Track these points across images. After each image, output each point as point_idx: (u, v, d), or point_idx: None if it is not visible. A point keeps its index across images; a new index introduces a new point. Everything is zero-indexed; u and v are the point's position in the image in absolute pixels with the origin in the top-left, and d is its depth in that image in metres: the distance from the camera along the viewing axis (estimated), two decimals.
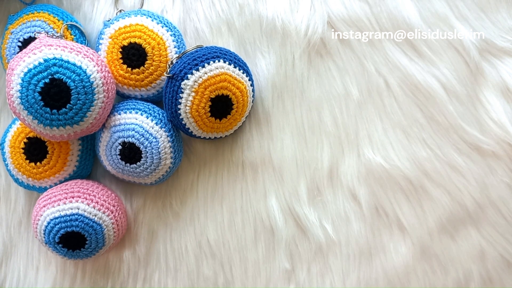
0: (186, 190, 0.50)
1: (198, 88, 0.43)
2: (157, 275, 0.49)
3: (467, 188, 0.47)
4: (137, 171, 0.45)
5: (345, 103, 0.48)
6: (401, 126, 0.47)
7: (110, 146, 0.45)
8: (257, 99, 0.49)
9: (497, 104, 0.47)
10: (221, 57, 0.44)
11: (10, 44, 0.48)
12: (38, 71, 0.41)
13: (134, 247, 0.50)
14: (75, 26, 0.48)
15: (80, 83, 0.41)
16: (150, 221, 0.50)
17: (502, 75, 0.47)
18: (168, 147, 0.45)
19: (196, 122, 0.45)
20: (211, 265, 0.49)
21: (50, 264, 0.51)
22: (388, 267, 0.47)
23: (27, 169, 0.47)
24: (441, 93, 0.47)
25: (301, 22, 0.48)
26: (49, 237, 0.44)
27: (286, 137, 0.48)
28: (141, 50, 0.45)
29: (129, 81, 0.46)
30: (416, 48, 0.47)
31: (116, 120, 0.45)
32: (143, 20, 0.46)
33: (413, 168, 0.47)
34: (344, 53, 0.48)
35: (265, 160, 0.49)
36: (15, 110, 0.42)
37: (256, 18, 0.49)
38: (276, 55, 0.49)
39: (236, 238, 0.49)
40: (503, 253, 0.47)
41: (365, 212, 0.47)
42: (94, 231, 0.45)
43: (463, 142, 0.47)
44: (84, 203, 0.45)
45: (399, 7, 0.47)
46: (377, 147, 0.48)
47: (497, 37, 0.47)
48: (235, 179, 0.49)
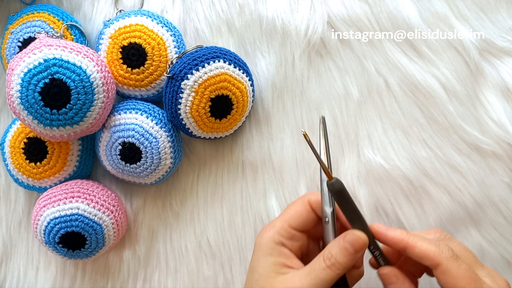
0: (186, 190, 0.50)
1: (198, 88, 0.43)
2: (157, 275, 0.49)
3: (467, 188, 0.47)
4: (137, 171, 0.45)
5: (345, 103, 0.48)
6: (401, 126, 0.47)
7: (110, 146, 0.45)
8: (257, 99, 0.49)
9: (497, 104, 0.47)
10: (221, 57, 0.44)
11: (10, 44, 0.48)
12: (38, 71, 0.41)
13: (134, 247, 0.50)
14: (75, 26, 0.48)
15: (80, 83, 0.41)
16: (150, 221, 0.50)
17: (502, 75, 0.47)
18: (168, 147, 0.45)
19: (196, 122, 0.45)
20: (211, 265, 0.49)
21: (50, 264, 0.51)
22: None
23: (27, 169, 0.47)
24: (441, 93, 0.47)
25: (301, 22, 0.48)
26: (49, 237, 0.44)
27: (286, 137, 0.48)
28: (141, 50, 0.45)
29: (129, 81, 0.46)
30: (416, 48, 0.47)
31: (116, 120, 0.45)
32: (143, 20, 0.46)
33: (413, 168, 0.47)
34: (344, 53, 0.48)
35: (265, 160, 0.49)
36: (15, 110, 0.42)
37: (256, 18, 0.49)
38: (276, 55, 0.49)
39: (236, 238, 0.49)
40: (503, 253, 0.47)
41: (365, 212, 0.47)
42: (94, 231, 0.45)
43: (463, 142, 0.47)
44: (84, 203, 0.45)
45: (399, 7, 0.47)
46: (377, 147, 0.48)
47: (497, 37, 0.47)
48: (235, 179, 0.49)
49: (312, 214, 0.38)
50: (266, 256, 0.37)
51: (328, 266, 0.35)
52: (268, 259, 0.37)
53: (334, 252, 0.35)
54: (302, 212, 0.38)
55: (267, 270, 0.36)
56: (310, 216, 0.38)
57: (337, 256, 0.35)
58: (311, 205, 0.38)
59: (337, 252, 0.35)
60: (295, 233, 0.38)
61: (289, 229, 0.38)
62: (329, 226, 0.37)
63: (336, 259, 0.35)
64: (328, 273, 0.35)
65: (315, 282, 0.34)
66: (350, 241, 0.35)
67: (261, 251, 0.37)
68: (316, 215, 0.39)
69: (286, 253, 0.37)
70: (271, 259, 0.37)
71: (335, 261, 0.35)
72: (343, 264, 0.35)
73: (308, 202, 0.38)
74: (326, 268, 0.35)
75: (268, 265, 0.36)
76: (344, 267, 0.35)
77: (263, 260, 0.37)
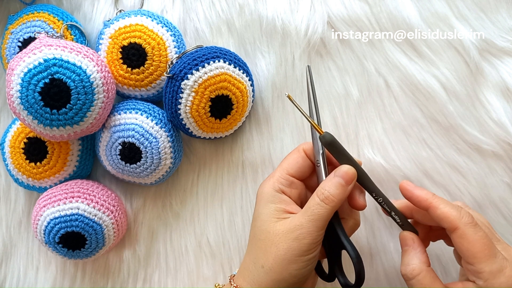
0: (186, 190, 0.50)
1: (198, 88, 0.43)
2: (157, 275, 0.49)
3: (467, 188, 0.47)
4: (137, 171, 0.45)
5: (345, 103, 0.48)
6: (401, 126, 0.47)
7: (110, 146, 0.45)
8: (257, 99, 0.49)
9: (497, 104, 0.47)
10: (221, 57, 0.44)
11: (10, 44, 0.48)
12: (38, 71, 0.41)
13: (134, 247, 0.50)
14: (75, 26, 0.48)
15: (80, 83, 0.41)
16: (150, 221, 0.50)
17: (502, 75, 0.47)
18: (168, 147, 0.45)
19: (196, 122, 0.45)
20: (211, 265, 0.49)
21: (50, 264, 0.51)
22: (388, 267, 0.47)
23: (27, 169, 0.47)
24: (441, 93, 0.47)
25: (301, 22, 0.48)
26: (49, 237, 0.44)
27: (286, 137, 0.48)
28: (141, 50, 0.45)
29: (129, 81, 0.46)
30: (416, 48, 0.47)
31: (116, 120, 0.45)
32: (143, 20, 0.46)
33: (413, 168, 0.47)
34: (344, 53, 0.48)
35: (265, 160, 0.49)
36: (15, 110, 0.42)
37: (256, 18, 0.49)
38: (276, 55, 0.49)
39: (236, 238, 0.49)
40: None
41: (365, 212, 0.47)
42: (94, 231, 0.45)
43: (463, 142, 0.47)
44: (84, 203, 0.45)
45: (399, 7, 0.47)
46: (377, 147, 0.48)
47: (497, 37, 0.47)
48: (235, 179, 0.49)
49: (307, 160, 0.41)
50: (268, 203, 0.39)
51: (322, 200, 0.38)
52: (269, 206, 0.39)
53: (327, 187, 0.38)
54: (298, 159, 0.41)
55: (269, 216, 0.39)
56: (306, 162, 0.41)
57: (330, 190, 0.38)
58: (306, 153, 0.41)
59: (329, 186, 0.38)
60: (293, 180, 0.41)
61: (288, 176, 0.40)
62: (321, 168, 0.40)
63: (330, 192, 0.38)
64: (323, 207, 0.37)
65: (312, 218, 0.37)
66: (340, 175, 0.39)
67: (262, 200, 0.40)
68: (312, 162, 0.41)
69: (286, 200, 0.40)
70: (272, 206, 0.39)
71: (328, 194, 0.38)
72: (336, 196, 0.38)
73: (303, 150, 0.41)
74: (321, 202, 0.38)
75: (269, 211, 0.39)
76: (338, 200, 0.38)
77: (265, 207, 0.39)
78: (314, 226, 0.37)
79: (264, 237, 0.38)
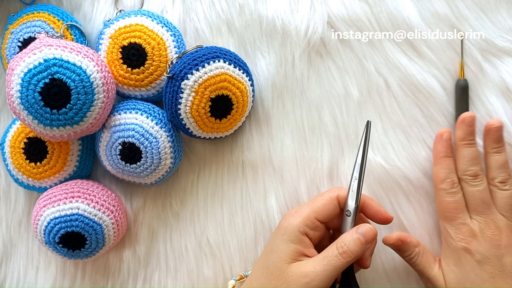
0: (186, 190, 0.50)
1: (198, 88, 0.43)
2: (157, 275, 0.49)
3: None
4: (137, 171, 0.45)
5: (345, 103, 0.48)
6: (401, 126, 0.47)
7: (110, 146, 0.45)
8: (257, 99, 0.49)
9: (497, 104, 0.47)
10: (221, 57, 0.44)
11: (10, 44, 0.48)
12: (38, 71, 0.41)
13: (134, 247, 0.50)
14: (75, 26, 0.48)
15: (80, 83, 0.41)
16: (150, 221, 0.50)
17: (502, 75, 0.47)
18: (168, 147, 0.45)
19: (196, 122, 0.45)
20: (211, 265, 0.49)
21: (50, 264, 0.51)
22: (388, 267, 0.47)
23: (27, 169, 0.47)
24: (441, 93, 0.47)
25: (301, 22, 0.48)
26: (49, 237, 0.44)
27: (286, 137, 0.48)
28: (141, 50, 0.45)
29: (129, 81, 0.46)
30: (416, 48, 0.47)
31: (116, 120, 0.45)
32: (143, 20, 0.46)
33: (413, 168, 0.47)
34: (344, 53, 0.48)
35: (265, 160, 0.49)
36: (15, 110, 0.42)
37: (256, 18, 0.49)
38: (276, 55, 0.49)
39: (236, 238, 0.49)
40: None
41: None
42: (94, 231, 0.45)
43: None
44: (84, 203, 0.45)
45: (399, 7, 0.47)
46: (377, 147, 0.48)
47: (497, 37, 0.47)
48: (235, 179, 0.49)
49: (338, 208, 0.42)
50: (289, 242, 0.40)
51: (341, 253, 0.39)
52: (289, 245, 0.40)
53: (347, 242, 0.39)
54: (330, 206, 0.42)
55: (286, 255, 0.40)
56: (336, 210, 0.42)
57: (349, 245, 0.39)
58: (339, 201, 0.42)
59: (350, 241, 0.39)
60: (318, 224, 0.41)
61: (315, 220, 0.41)
62: (349, 219, 0.41)
63: (349, 247, 0.39)
64: (340, 260, 0.39)
65: (327, 268, 0.38)
66: (362, 233, 0.39)
67: (285, 236, 0.40)
68: (341, 210, 0.42)
69: (306, 242, 0.41)
70: (292, 246, 0.40)
71: (347, 249, 0.39)
72: (354, 253, 0.39)
73: (337, 197, 0.42)
74: (338, 255, 0.39)
75: (288, 250, 0.40)
76: (355, 256, 0.39)
77: (285, 244, 0.40)
78: (328, 276, 0.38)
79: (278, 274, 0.39)
